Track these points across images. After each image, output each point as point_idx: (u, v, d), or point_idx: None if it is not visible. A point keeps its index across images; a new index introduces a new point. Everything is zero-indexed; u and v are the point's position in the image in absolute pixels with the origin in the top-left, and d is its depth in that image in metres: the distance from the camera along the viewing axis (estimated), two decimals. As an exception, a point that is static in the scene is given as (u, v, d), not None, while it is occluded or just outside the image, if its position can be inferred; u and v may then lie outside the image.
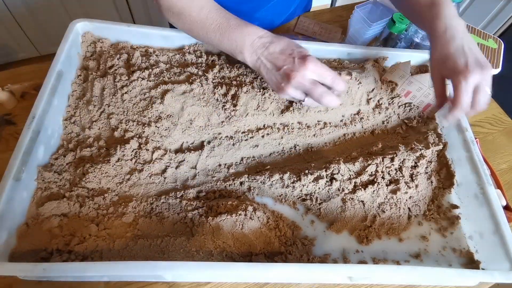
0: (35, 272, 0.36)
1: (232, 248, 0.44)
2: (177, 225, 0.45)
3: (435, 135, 0.56)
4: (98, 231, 0.43)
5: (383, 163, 0.50)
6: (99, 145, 0.49)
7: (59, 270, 0.37)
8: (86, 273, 0.36)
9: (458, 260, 0.48)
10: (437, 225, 0.51)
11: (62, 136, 0.50)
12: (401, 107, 0.60)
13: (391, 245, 0.48)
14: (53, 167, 0.47)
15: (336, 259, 0.46)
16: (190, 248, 0.43)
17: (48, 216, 0.43)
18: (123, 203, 0.45)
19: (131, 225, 0.44)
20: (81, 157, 0.48)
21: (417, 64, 0.65)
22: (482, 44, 0.66)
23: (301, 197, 0.50)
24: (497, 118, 0.69)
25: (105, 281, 0.44)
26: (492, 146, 0.65)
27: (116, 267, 0.37)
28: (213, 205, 0.47)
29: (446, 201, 0.53)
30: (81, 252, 0.41)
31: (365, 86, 0.56)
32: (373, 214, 0.49)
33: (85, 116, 0.51)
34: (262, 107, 0.52)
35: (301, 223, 0.49)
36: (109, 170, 0.46)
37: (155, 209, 0.46)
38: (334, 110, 0.55)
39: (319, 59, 0.63)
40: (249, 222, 0.45)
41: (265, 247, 0.45)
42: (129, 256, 0.42)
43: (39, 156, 0.46)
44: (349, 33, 0.74)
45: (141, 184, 0.47)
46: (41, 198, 0.44)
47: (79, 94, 0.53)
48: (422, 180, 0.52)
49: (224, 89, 0.53)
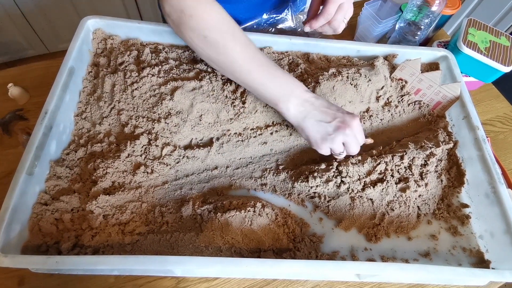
0: (47, 265, 0.37)
1: (241, 244, 0.44)
2: (186, 220, 0.46)
3: (445, 133, 0.56)
4: (109, 226, 0.43)
5: (393, 161, 0.50)
6: (109, 140, 0.49)
7: (72, 263, 0.37)
8: (97, 266, 0.37)
9: (468, 259, 0.47)
10: (447, 224, 0.50)
11: (73, 131, 0.51)
12: (411, 105, 0.60)
13: (400, 243, 0.48)
14: (65, 162, 0.47)
15: (344, 257, 0.46)
16: (199, 244, 0.43)
17: (60, 210, 0.43)
18: (133, 197, 0.46)
19: (141, 219, 0.45)
20: (92, 152, 0.49)
21: (427, 61, 0.65)
22: (494, 41, 0.65)
23: (309, 195, 0.50)
24: (509, 117, 0.68)
25: (115, 275, 0.45)
26: (504, 145, 0.64)
27: (127, 261, 0.37)
28: (222, 201, 0.47)
29: (456, 200, 0.52)
30: (93, 246, 0.42)
31: (374, 83, 0.56)
32: (382, 212, 0.49)
33: (96, 112, 0.52)
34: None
35: (309, 220, 0.49)
36: (119, 166, 0.47)
37: (165, 204, 0.47)
38: (343, 108, 0.54)
39: (329, 56, 0.63)
40: (257, 219, 0.45)
41: (274, 243, 0.45)
42: (139, 250, 0.42)
43: (51, 151, 0.46)
44: (358, 30, 0.74)
45: (151, 180, 0.48)
46: (53, 193, 0.45)
47: (90, 90, 0.54)
48: (432, 178, 0.51)
49: (233, 86, 0.53)
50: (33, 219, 0.42)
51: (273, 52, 0.62)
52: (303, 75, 0.58)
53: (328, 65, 0.61)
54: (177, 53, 0.58)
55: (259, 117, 0.53)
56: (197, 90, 0.51)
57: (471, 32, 0.65)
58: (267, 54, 0.61)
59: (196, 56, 0.58)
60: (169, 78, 0.52)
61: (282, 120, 0.54)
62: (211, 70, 0.55)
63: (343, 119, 0.44)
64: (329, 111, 0.45)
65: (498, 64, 0.61)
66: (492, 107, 0.70)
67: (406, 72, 0.59)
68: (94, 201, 0.43)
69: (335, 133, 0.44)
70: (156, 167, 0.48)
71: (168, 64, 0.54)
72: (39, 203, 0.43)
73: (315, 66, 0.61)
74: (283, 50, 0.62)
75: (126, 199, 0.45)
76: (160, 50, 0.57)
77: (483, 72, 0.64)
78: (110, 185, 0.46)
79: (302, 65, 0.59)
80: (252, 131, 0.53)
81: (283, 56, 0.61)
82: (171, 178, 0.49)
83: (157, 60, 0.55)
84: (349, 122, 0.44)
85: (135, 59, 0.55)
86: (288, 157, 0.54)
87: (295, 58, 0.61)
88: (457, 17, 1.43)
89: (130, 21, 0.57)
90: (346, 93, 0.54)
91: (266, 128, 0.53)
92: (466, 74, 0.66)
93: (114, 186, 0.46)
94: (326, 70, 0.55)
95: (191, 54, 0.58)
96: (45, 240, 0.42)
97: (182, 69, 0.54)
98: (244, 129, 0.53)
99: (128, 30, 0.58)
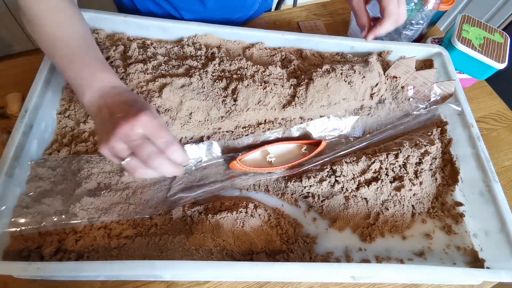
0: (28, 272, 0.35)
1: (233, 246, 0.42)
2: (176, 222, 0.44)
3: (439, 131, 0.55)
4: (94, 229, 0.41)
5: (387, 159, 0.49)
6: (94, 140, 0.47)
7: (54, 269, 0.35)
8: (80, 272, 0.35)
9: (462, 258, 0.47)
10: (441, 222, 0.50)
11: (56, 130, 0.49)
12: (405, 102, 0.59)
13: (394, 243, 0.47)
14: (47, 163, 0.45)
15: (338, 258, 0.45)
16: (189, 247, 0.42)
17: (42, 213, 0.41)
18: (119, 199, 0.44)
19: (128, 222, 0.43)
20: (76, 152, 0.47)
21: (421, 58, 0.64)
22: (488, 38, 0.64)
23: (303, 195, 0.49)
24: (502, 114, 0.68)
25: (101, 280, 0.43)
26: (497, 142, 0.64)
27: (112, 266, 0.36)
28: (213, 202, 0.45)
29: (451, 198, 0.52)
30: (77, 250, 0.40)
31: (368, 80, 0.55)
32: (376, 212, 0.48)
33: (80, 110, 0.49)
34: (264, 102, 0.51)
35: (303, 220, 0.48)
36: (105, 166, 0.45)
37: (153, 206, 0.45)
38: (337, 105, 0.53)
39: (323, 52, 0.61)
40: (250, 220, 0.43)
41: (267, 245, 0.43)
42: (126, 254, 0.41)
43: (32, 151, 0.44)
44: (352, 26, 0.73)
45: (138, 181, 0.46)
46: (35, 195, 0.43)
47: (74, 87, 0.52)
48: (426, 177, 0.51)
49: (224, 82, 0.52)
50: (13, 223, 0.40)
51: (266, 48, 0.60)
52: (296, 72, 0.57)
53: (322, 62, 0.60)
54: (165, 49, 0.56)
55: (251, 115, 0.51)
56: (186, 87, 0.50)
57: (465, 28, 0.64)
58: (259, 50, 0.59)
59: (186, 51, 0.56)
60: (157, 75, 0.50)
61: (274, 118, 0.52)
62: (201, 66, 0.53)
63: (125, 114, 0.34)
64: (120, 106, 0.36)
65: (492, 61, 0.61)
66: (485, 104, 0.70)
67: (400, 70, 0.58)
68: (78, 203, 0.41)
69: (114, 130, 0.34)
70: (144, 167, 0.46)
71: (156, 60, 0.52)
72: (19, 206, 0.41)
73: (309, 63, 0.59)
74: (276, 46, 0.61)
75: (113, 201, 0.44)
76: (148, 45, 0.55)
77: (477, 69, 0.64)
78: (95, 187, 0.44)
79: (295, 61, 0.58)
80: (243, 129, 0.51)
81: (275, 52, 0.60)
82: (160, 178, 0.47)
83: (145, 55, 0.53)
84: (129, 117, 0.34)
85: (122, 54, 0.52)
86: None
87: (288, 54, 0.60)
88: (450, 13, 1.43)
89: (116, 15, 0.55)
90: (340, 90, 0.52)
91: (258, 126, 0.51)
92: (459, 71, 0.66)
93: (100, 188, 0.44)
94: (320, 67, 0.54)
95: (181, 49, 0.56)
96: (26, 244, 0.40)
97: (171, 65, 0.52)
98: (236, 127, 0.51)
99: (114, 24, 0.56)
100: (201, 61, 0.54)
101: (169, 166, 0.35)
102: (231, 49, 0.59)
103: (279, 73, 0.54)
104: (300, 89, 0.52)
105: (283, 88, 0.52)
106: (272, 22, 0.75)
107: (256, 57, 0.59)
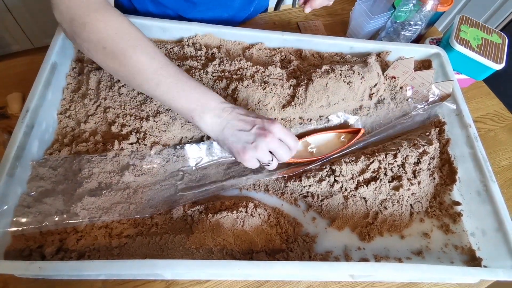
0: (30, 271, 0.35)
1: (233, 245, 0.43)
2: (176, 222, 0.44)
3: (438, 131, 0.56)
4: (95, 229, 0.42)
5: (386, 159, 0.50)
6: (95, 139, 0.48)
7: (55, 268, 0.36)
8: (82, 272, 0.35)
9: (460, 257, 0.47)
10: (439, 222, 0.50)
11: (56, 130, 0.49)
12: (404, 102, 0.59)
13: (393, 242, 0.48)
14: (48, 163, 0.45)
15: (338, 257, 0.45)
16: (189, 246, 0.42)
17: (43, 213, 0.41)
18: (120, 199, 0.44)
19: (129, 222, 0.43)
20: (76, 152, 0.47)
21: (420, 58, 0.64)
22: (486, 38, 0.65)
23: (302, 194, 0.49)
24: (499, 114, 0.69)
25: (102, 279, 0.43)
26: (494, 142, 0.65)
27: (113, 266, 0.36)
28: (213, 202, 0.46)
29: (448, 197, 0.52)
30: (78, 250, 0.40)
31: (367, 81, 0.55)
32: (375, 211, 0.49)
33: (81, 110, 0.50)
34: (263, 102, 0.51)
35: (302, 220, 0.48)
36: (106, 166, 0.45)
37: (154, 205, 0.45)
38: (336, 105, 0.54)
39: (322, 52, 0.62)
40: (250, 219, 0.44)
41: (266, 244, 0.44)
42: (127, 253, 0.41)
43: (33, 151, 0.44)
44: (351, 26, 0.73)
45: (139, 180, 0.46)
46: (36, 195, 0.43)
47: (74, 87, 0.52)
48: (424, 176, 0.51)
49: (224, 83, 0.52)
50: (15, 222, 0.40)
51: (265, 48, 0.60)
52: (295, 72, 0.57)
53: (321, 62, 0.60)
54: (166, 49, 0.56)
55: (251, 115, 0.51)
56: (186, 87, 0.50)
57: (463, 29, 0.65)
58: (259, 51, 0.60)
59: (186, 52, 0.56)
60: (158, 75, 0.50)
61: (274, 118, 0.52)
62: (201, 66, 0.54)
63: (262, 125, 0.41)
64: (248, 119, 0.42)
65: (490, 61, 0.61)
66: (483, 104, 0.70)
67: (399, 70, 0.58)
68: (79, 203, 0.42)
69: (257, 140, 0.41)
70: (145, 167, 0.46)
71: (156, 60, 0.52)
72: (21, 205, 0.41)
73: (308, 63, 0.60)
74: (275, 46, 0.61)
75: (113, 200, 0.44)
76: (148, 46, 0.55)
77: (475, 69, 0.65)
78: (96, 186, 0.44)
79: (295, 61, 0.58)
80: (243, 129, 0.51)
81: (275, 52, 0.60)
82: (161, 178, 0.48)
83: (145, 56, 0.53)
84: (268, 127, 0.41)
85: (122, 54, 0.52)
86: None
87: (287, 54, 0.60)
88: (448, 14, 1.43)
89: (117, 15, 0.55)
90: (340, 91, 0.53)
91: (258, 126, 0.52)
92: (457, 71, 0.66)
93: (101, 187, 0.44)
94: (319, 67, 0.54)
95: (181, 50, 0.57)
96: (28, 244, 0.40)
97: (171, 66, 0.52)
98: (236, 127, 0.51)
99: (114, 25, 0.56)
100: (201, 62, 0.55)
101: (289, 156, 0.44)
102: (231, 49, 0.60)
103: (278, 73, 0.55)
104: (299, 89, 0.52)
105: (283, 88, 0.53)
106: (271, 22, 0.76)
107: (256, 58, 0.59)
